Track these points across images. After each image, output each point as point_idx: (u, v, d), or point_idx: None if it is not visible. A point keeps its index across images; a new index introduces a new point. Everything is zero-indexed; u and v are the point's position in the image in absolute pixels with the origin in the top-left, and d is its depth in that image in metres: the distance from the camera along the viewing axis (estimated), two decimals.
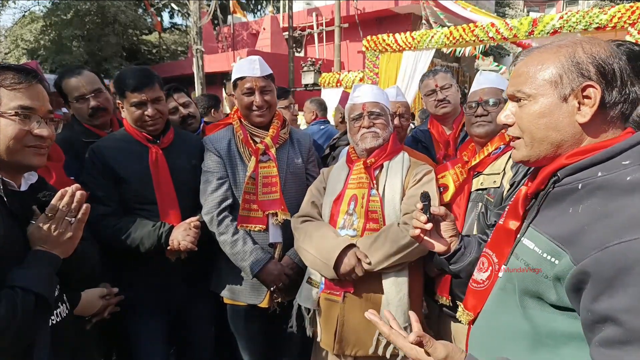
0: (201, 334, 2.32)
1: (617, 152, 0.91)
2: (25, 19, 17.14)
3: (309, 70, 11.21)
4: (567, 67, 0.94)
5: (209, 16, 12.51)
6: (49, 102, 1.35)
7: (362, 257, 1.84)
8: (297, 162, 2.28)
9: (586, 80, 0.92)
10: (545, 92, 0.96)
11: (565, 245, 0.87)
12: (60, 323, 1.33)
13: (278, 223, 2.15)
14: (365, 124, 1.98)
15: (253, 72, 2.16)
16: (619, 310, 0.77)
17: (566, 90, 0.94)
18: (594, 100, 0.92)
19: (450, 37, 6.64)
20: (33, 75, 1.29)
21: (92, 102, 2.30)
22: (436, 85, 2.60)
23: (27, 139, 1.26)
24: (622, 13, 5.25)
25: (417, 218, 1.38)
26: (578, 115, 0.94)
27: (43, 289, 1.15)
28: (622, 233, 0.79)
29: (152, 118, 2.08)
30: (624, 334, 0.76)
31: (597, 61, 0.93)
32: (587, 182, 0.91)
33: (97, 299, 1.83)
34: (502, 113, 1.06)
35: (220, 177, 2.16)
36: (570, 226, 0.88)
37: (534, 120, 0.98)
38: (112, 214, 2.05)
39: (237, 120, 2.26)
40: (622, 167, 0.89)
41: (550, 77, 0.95)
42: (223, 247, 2.12)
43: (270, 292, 2.15)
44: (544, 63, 0.97)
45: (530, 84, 0.98)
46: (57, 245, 1.25)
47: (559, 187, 0.97)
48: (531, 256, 0.95)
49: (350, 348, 1.91)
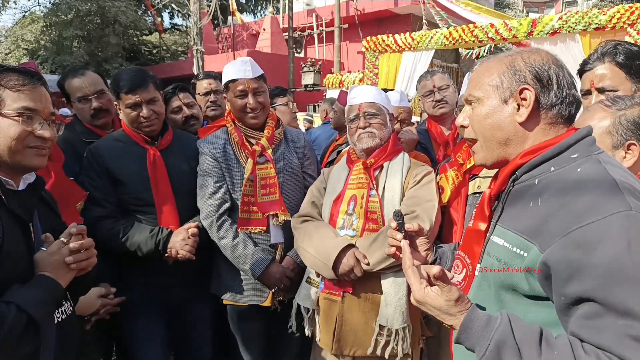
0: (200, 335, 2.32)
1: (565, 147, 1.02)
2: (25, 20, 17.16)
3: (309, 70, 11.23)
4: (507, 74, 1.06)
5: (209, 17, 12.53)
6: (51, 104, 1.36)
7: (360, 257, 1.84)
8: (293, 161, 2.28)
9: (522, 84, 1.04)
10: (490, 95, 1.08)
11: (531, 237, 0.95)
12: (65, 320, 1.34)
13: (279, 224, 2.15)
14: (361, 125, 1.99)
15: (245, 74, 2.14)
16: (590, 290, 0.85)
17: (506, 94, 1.06)
18: (529, 101, 1.03)
19: (450, 38, 6.65)
20: (37, 77, 1.31)
21: (95, 103, 2.31)
22: (434, 86, 2.60)
23: (29, 140, 1.27)
24: (622, 14, 5.25)
25: (393, 236, 1.38)
26: (517, 115, 1.05)
27: (36, 312, 1.16)
28: (580, 218, 0.88)
29: (148, 119, 2.08)
30: (601, 308, 0.85)
31: (533, 68, 1.04)
32: (543, 177, 1.01)
33: (95, 298, 1.85)
34: (459, 116, 1.17)
35: (217, 180, 2.15)
36: (533, 219, 0.97)
37: (482, 120, 1.09)
38: (109, 215, 2.05)
39: (231, 122, 2.24)
40: (571, 161, 0.99)
41: (494, 82, 1.07)
42: (224, 251, 2.12)
43: (272, 292, 2.16)
44: (490, 70, 1.10)
45: (479, 88, 1.10)
46: (63, 274, 1.28)
47: (518, 185, 1.06)
48: (502, 252, 1.03)
49: (349, 348, 1.91)
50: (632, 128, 1.30)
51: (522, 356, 0.89)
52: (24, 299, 1.15)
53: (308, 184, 2.31)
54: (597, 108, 1.40)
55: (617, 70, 1.65)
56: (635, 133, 1.30)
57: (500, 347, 0.91)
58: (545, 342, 0.90)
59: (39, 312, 1.17)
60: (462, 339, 1.00)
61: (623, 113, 1.32)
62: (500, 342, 0.92)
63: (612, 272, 0.83)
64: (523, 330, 0.92)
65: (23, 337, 1.14)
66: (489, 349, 0.93)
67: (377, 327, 1.86)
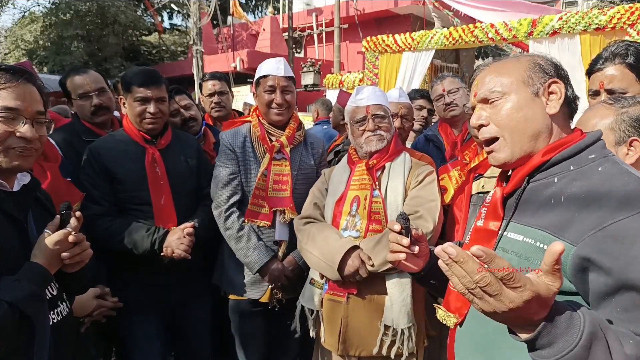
0: (199, 335, 2.32)
1: (583, 148, 1.03)
2: (25, 20, 17.11)
3: (308, 71, 11.20)
4: (532, 69, 1.09)
5: (208, 17, 12.51)
6: (43, 102, 1.31)
7: (365, 258, 1.84)
8: (309, 163, 2.32)
9: (551, 77, 1.07)
10: (518, 89, 1.09)
11: (558, 232, 0.95)
12: (61, 322, 1.32)
13: (285, 221, 2.18)
14: (370, 127, 1.99)
15: (277, 71, 2.21)
16: (635, 279, 0.85)
17: (536, 87, 1.08)
18: (560, 93, 1.06)
19: (450, 38, 6.64)
20: (20, 74, 1.25)
21: (95, 100, 2.35)
22: (443, 90, 2.66)
23: (11, 141, 1.23)
24: (622, 14, 5.24)
25: (399, 242, 1.23)
26: (548, 107, 1.07)
27: (27, 307, 1.14)
28: (614, 213, 0.89)
29: (154, 116, 2.10)
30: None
31: (554, 63, 1.10)
32: (562, 175, 1.03)
33: (90, 299, 1.84)
34: (474, 116, 1.16)
35: (232, 172, 2.20)
36: (558, 216, 0.97)
37: (512, 114, 1.08)
38: (106, 213, 2.06)
39: (256, 117, 2.29)
40: (590, 161, 1.01)
41: (520, 77, 1.09)
42: (228, 241, 2.16)
43: (270, 289, 2.18)
44: (510, 67, 1.12)
45: (502, 84, 1.10)
46: (56, 265, 1.26)
47: (534, 183, 1.07)
48: (522, 247, 1.02)
49: (355, 348, 1.91)
50: (635, 125, 1.32)
51: (610, 349, 0.81)
52: (14, 295, 1.12)
53: None
54: (599, 106, 1.43)
55: (628, 72, 1.65)
56: (638, 130, 1.32)
57: (592, 339, 0.80)
58: (616, 333, 0.84)
59: (31, 306, 1.15)
60: (542, 339, 0.82)
61: (625, 110, 1.34)
62: (592, 334, 0.80)
63: None
64: (600, 320, 0.85)
65: (15, 332, 1.12)
66: (580, 343, 0.79)
67: (383, 327, 1.87)
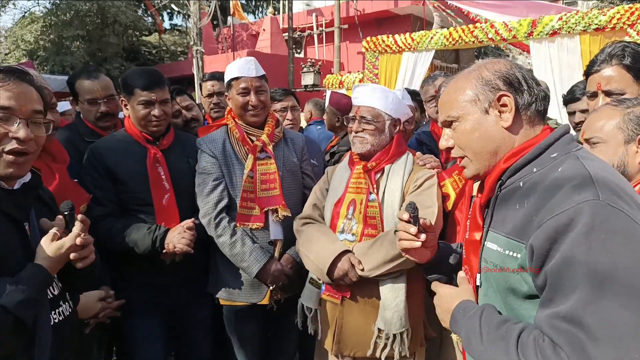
0: (200, 335, 2.32)
1: (545, 148, 1.06)
2: (25, 20, 17.09)
3: (308, 71, 11.19)
4: (479, 86, 1.11)
5: (208, 17, 12.50)
6: (42, 102, 1.28)
7: (355, 262, 1.84)
8: (292, 160, 2.30)
9: (498, 91, 1.09)
10: (469, 110, 1.12)
11: (520, 237, 0.99)
12: (62, 321, 1.31)
13: (278, 220, 2.15)
14: (354, 128, 1.97)
15: (248, 72, 2.18)
16: (551, 273, 0.90)
17: (485, 104, 1.10)
18: (510, 106, 1.08)
19: (450, 38, 6.64)
20: (12, 73, 1.21)
21: (103, 107, 2.35)
22: (435, 91, 2.62)
23: (4, 142, 1.19)
24: (621, 14, 5.24)
25: (407, 230, 1.29)
26: (501, 121, 1.09)
27: (23, 312, 1.11)
28: (553, 210, 0.92)
29: (158, 119, 2.10)
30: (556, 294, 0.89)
31: (501, 75, 1.10)
32: (526, 179, 1.05)
33: (95, 301, 1.83)
34: (441, 140, 1.21)
35: (216, 177, 2.16)
36: (519, 220, 1.00)
37: (468, 135, 1.12)
38: (109, 214, 2.06)
39: (232, 120, 2.26)
40: (551, 160, 1.03)
41: (469, 98, 1.12)
42: (222, 249, 2.12)
43: (270, 290, 2.16)
44: (460, 89, 1.14)
45: (455, 108, 1.14)
46: (58, 266, 1.24)
47: (505, 190, 1.10)
48: (496, 256, 1.07)
49: (349, 349, 1.92)
50: None
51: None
52: (8, 299, 1.09)
53: (306, 183, 2.33)
54: (604, 108, 1.46)
55: (625, 73, 1.66)
56: None
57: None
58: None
59: (26, 311, 1.12)
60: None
61: (631, 110, 1.38)
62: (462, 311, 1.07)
63: (567, 259, 0.87)
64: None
65: (10, 335, 1.11)
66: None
67: (376, 330, 1.86)
